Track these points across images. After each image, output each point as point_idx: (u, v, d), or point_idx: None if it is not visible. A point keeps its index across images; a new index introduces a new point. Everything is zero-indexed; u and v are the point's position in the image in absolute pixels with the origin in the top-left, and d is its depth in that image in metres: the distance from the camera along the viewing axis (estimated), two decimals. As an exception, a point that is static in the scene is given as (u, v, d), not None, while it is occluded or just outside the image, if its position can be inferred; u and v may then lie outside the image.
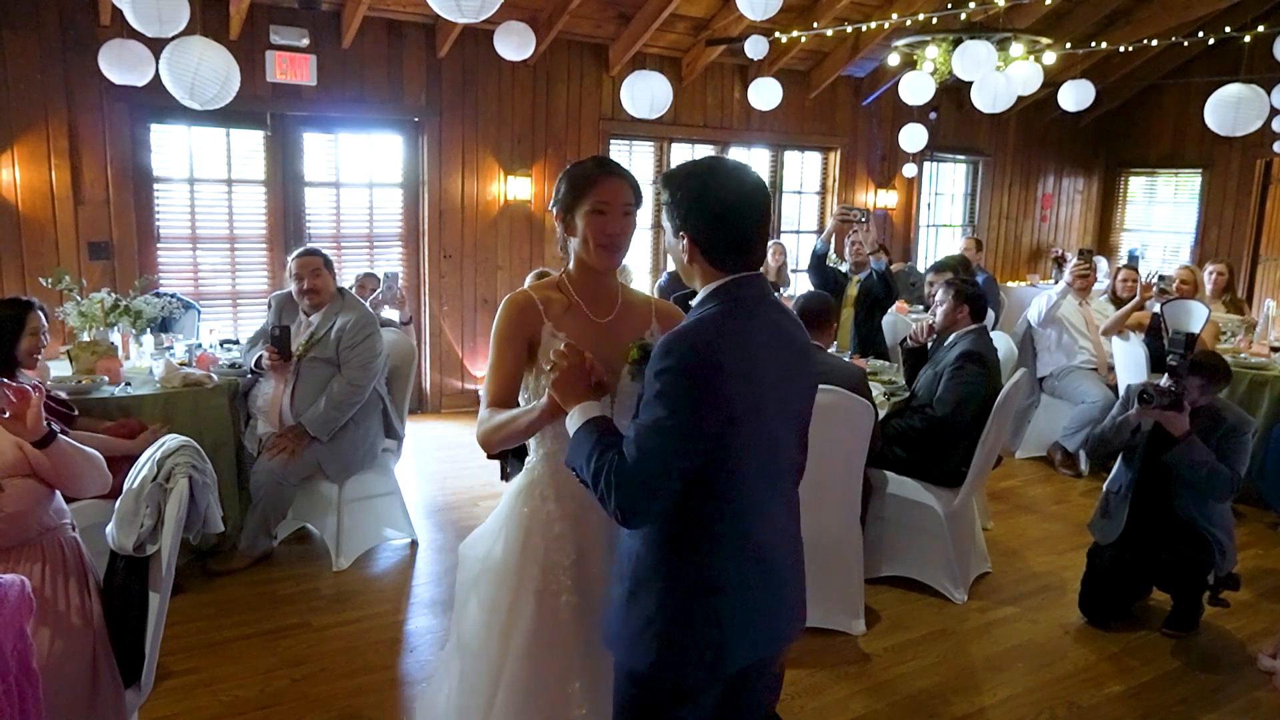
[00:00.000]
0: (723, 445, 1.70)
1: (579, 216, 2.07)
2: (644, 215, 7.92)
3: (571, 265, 2.14)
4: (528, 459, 2.21)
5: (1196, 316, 5.98)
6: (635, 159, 7.89)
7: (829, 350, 4.16)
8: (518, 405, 2.10)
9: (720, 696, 1.87)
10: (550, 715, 2.07)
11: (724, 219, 1.77)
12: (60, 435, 2.39)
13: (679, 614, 1.78)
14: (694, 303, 1.83)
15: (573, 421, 1.81)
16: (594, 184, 2.05)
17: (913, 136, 7.81)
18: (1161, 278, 6.22)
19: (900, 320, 6.29)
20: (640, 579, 1.80)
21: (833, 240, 6.47)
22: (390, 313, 5.82)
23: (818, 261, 6.20)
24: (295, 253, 4.26)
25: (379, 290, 5.67)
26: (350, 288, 5.26)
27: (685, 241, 1.79)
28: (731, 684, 1.87)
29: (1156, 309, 5.99)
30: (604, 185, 2.05)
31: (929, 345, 4.50)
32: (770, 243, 7.75)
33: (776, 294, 6.11)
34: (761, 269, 1.86)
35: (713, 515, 1.76)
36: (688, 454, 1.67)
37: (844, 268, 6.39)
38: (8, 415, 2.27)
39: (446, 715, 2.22)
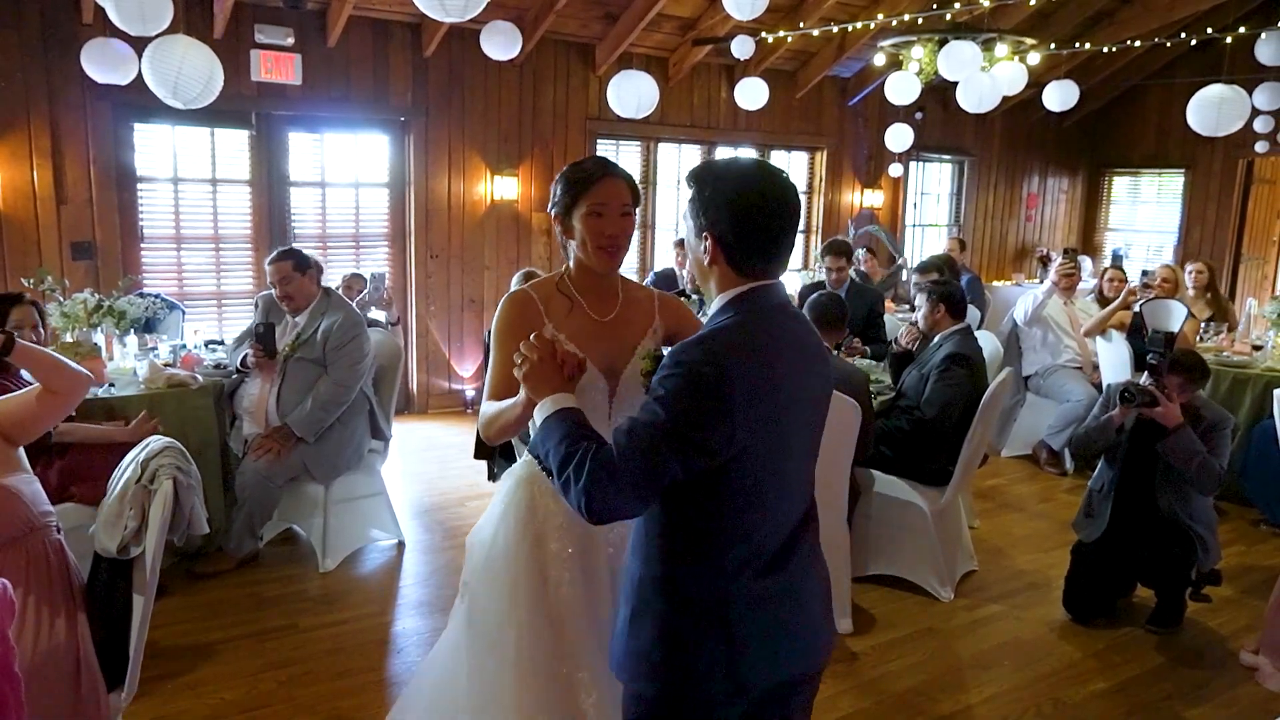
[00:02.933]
0: (733, 460, 1.61)
1: (576, 219, 2.05)
2: (631, 215, 7.94)
3: (571, 265, 2.13)
4: (526, 450, 2.18)
5: (1175, 315, 6.04)
6: (622, 159, 7.88)
7: (834, 351, 4.18)
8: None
9: (745, 716, 1.76)
10: (561, 702, 2.07)
11: (753, 220, 1.66)
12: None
13: (686, 634, 1.69)
14: (710, 311, 1.74)
15: (541, 410, 1.70)
16: (591, 185, 2.03)
17: (898, 136, 7.85)
18: (1144, 273, 6.27)
19: (890, 320, 6.31)
20: (643, 600, 1.72)
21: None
22: (377, 313, 5.81)
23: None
24: (269, 257, 4.25)
25: (365, 291, 5.65)
26: (337, 288, 5.24)
27: (709, 242, 1.68)
28: (759, 704, 1.75)
29: (1137, 308, 6.05)
30: (601, 186, 2.03)
31: (913, 348, 4.53)
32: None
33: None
34: (781, 277, 1.77)
35: (720, 530, 1.67)
36: (675, 462, 1.55)
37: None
38: None
39: (464, 703, 2.21)
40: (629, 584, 1.77)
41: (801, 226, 9.24)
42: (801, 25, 7.13)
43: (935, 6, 6.51)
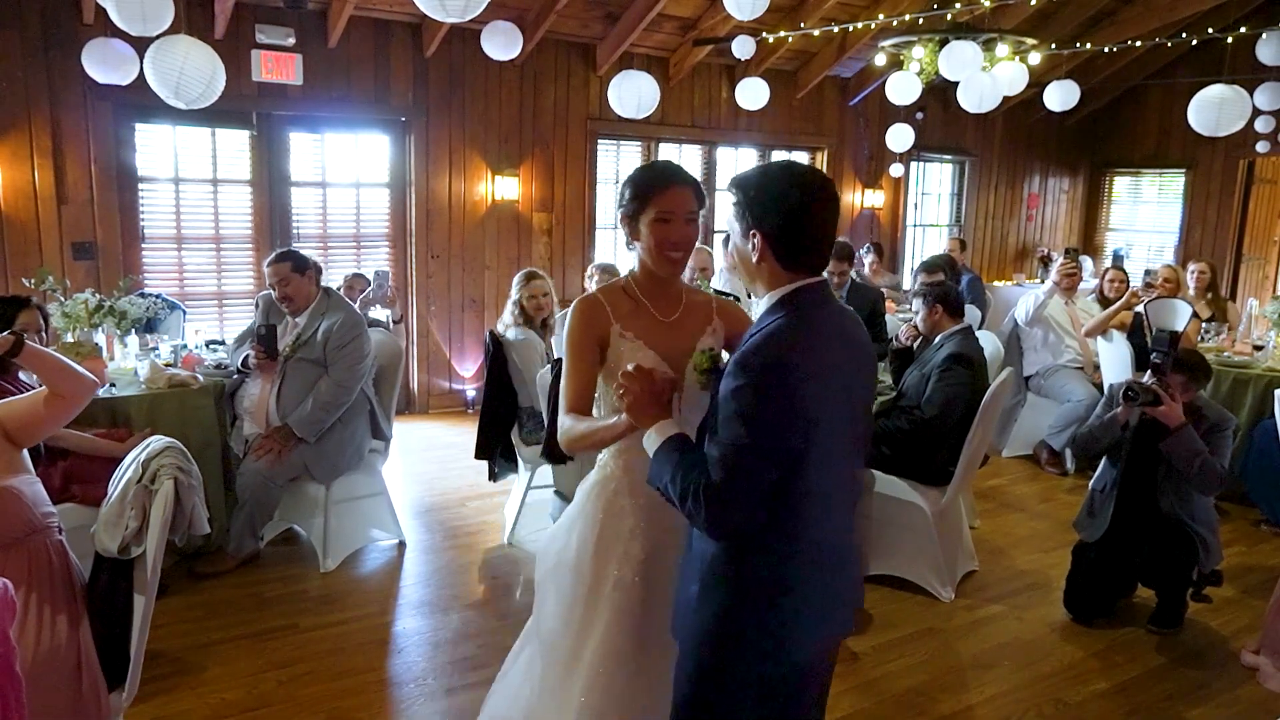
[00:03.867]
0: (801, 452, 1.71)
1: (643, 224, 2.11)
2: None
3: (636, 268, 2.21)
4: (599, 456, 2.25)
5: (1180, 315, 6.03)
6: (622, 159, 7.89)
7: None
8: (592, 405, 2.17)
9: (786, 688, 1.89)
10: (624, 708, 2.14)
11: (800, 219, 1.76)
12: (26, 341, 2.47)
13: (747, 613, 1.80)
14: (761, 311, 1.83)
15: (650, 441, 1.84)
16: (657, 192, 2.09)
17: (899, 136, 7.84)
18: (1147, 272, 6.26)
19: (891, 320, 6.31)
20: (712, 578, 1.82)
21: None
22: (379, 312, 5.80)
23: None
24: (267, 259, 4.25)
25: (370, 289, 5.65)
26: (338, 288, 5.25)
27: (757, 241, 1.77)
28: (796, 673, 1.89)
29: (1140, 308, 6.04)
30: (668, 193, 2.09)
31: (914, 347, 4.53)
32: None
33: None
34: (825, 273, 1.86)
35: (786, 517, 1.76)
36: (771, 468, 1.68)
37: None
38: None
39: (526, 710, 2.29)
40: (700, 562, 1.85)
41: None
42: (802, 25, 7.13)
43: (936, 6, 6.51)
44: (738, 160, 8.55)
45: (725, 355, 2.11)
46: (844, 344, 1.82)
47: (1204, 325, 6.05)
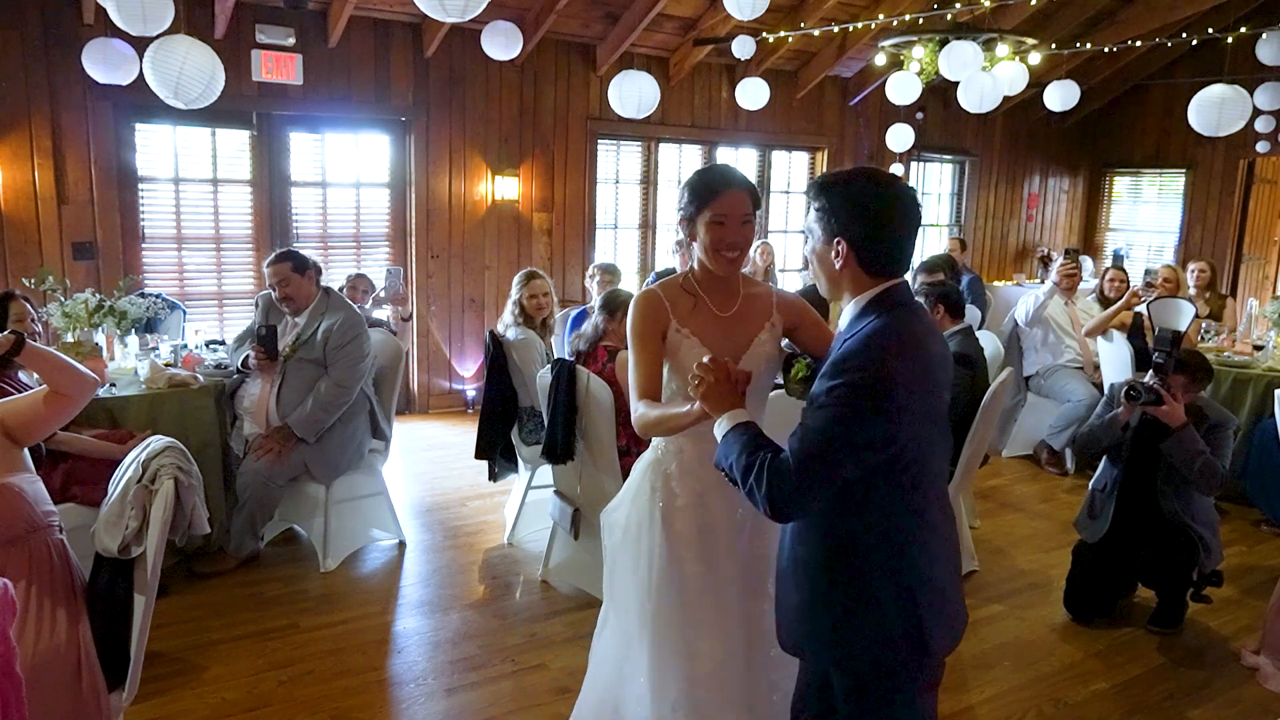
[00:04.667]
0: (900, 451, 1.75)
1: (700, 225, 2.20)
2: (631, 215, 7.95)
3: (695, 265, 2.30)
4: (656, 438, 2.35)
5: (1184, 314, 6.03)
6: (623, 159, 7.89)
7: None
8: (661, 392, 2.27)
9: (923, 682, 1.94)
10: (682, 667, 2.29)
11: (885, 225, 1.80)
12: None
13: (872, 614, 1.82)
14: (849, 315, 1.85)
15: (720, 427, 1.87)
16: (715, 195, 2.18)
17: (899, 136, 7.85)
18: (1147, 271, 6.26)
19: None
20: (823, 582, 1.86)
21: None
22: (380, 312, 5.81)
23: None
24: (267, 260, 4.25)
25: (383, 286, 5.63)
26: (341, 289, 5.25)
27: (842, 248, 1.80)
28: (934, 668, 1.94)
29: (1141, 308, 6.04)
30: (724, 197, 2.18)
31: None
32: (759, 242, 7.77)
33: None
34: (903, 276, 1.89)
35: (894, 516, 1.81)
36: (848, 465, 1.72)
37: None
38: None
39: (605, 665, 2.50)
40: (800, 570, 1.90)
41: (801, 227, 9.27)
42: (802, 25, 7.13)
43: (936, 6, 6.51)
44: (738, 160, 8.54)
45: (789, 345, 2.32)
46: (933, 342, 1.85)
47: (1203, 325, 6.06)
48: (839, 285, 1.86)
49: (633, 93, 5.82)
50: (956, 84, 6.10)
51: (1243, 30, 6.55)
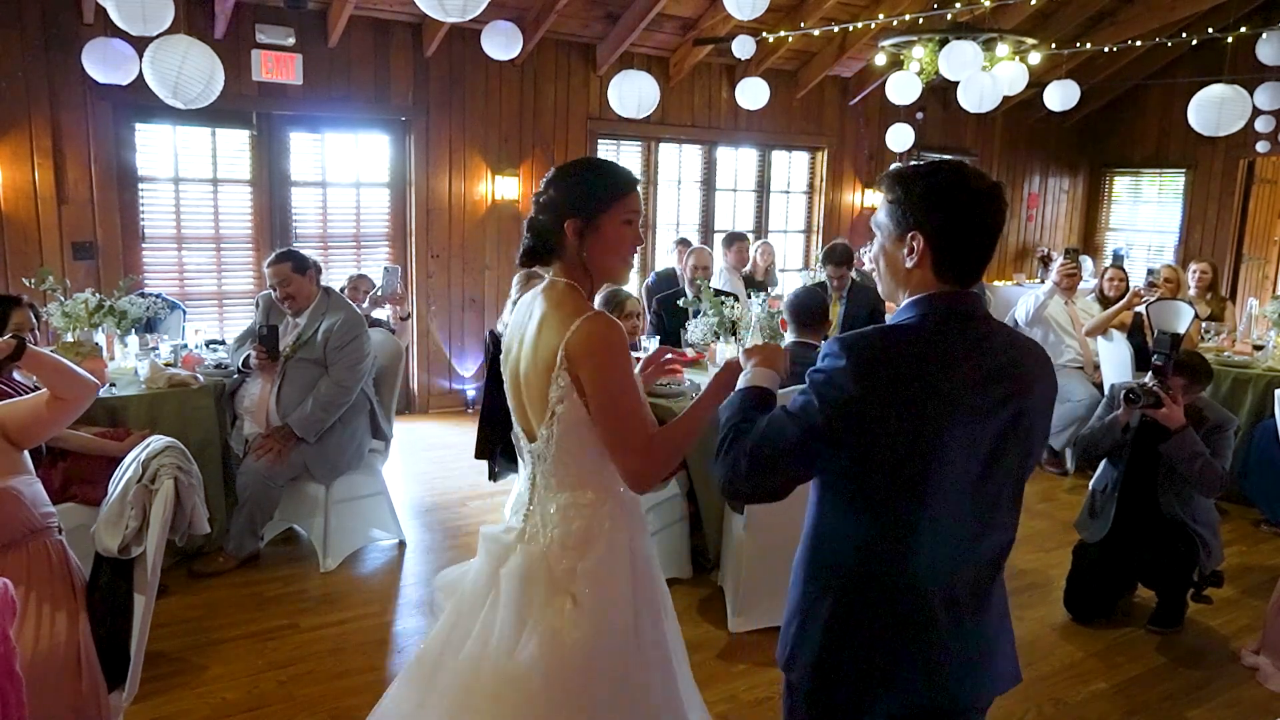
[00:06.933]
0: (872, 466, 1.57)
1: (608, 223, 1.92)
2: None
3: (575, 273, 1.95)
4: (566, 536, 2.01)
5: (1183, 316, 6.03)
6: (623, 159, 7.88)
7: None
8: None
9: None
10: None
11: (969, 221, 1.61)
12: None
13: (886, 645, 1.64)
14: (895, 314, 1.69)
15: (744, 378, 1.79)
16: (629, 192, 1.94)
17: (899, 136, 7.85)
18: (1150, 271, 6.26)
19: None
20: (823, 604, 1.67)
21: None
22: (381, 312, 5.80)
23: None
24: (267, 260, 4.25)
25: (380, 285, 5.63)
26: (342, 289, 5.24)
27: (919, 243, 1.61)
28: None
29: (1141, 308, 6.04)
30: (634, 195, 1.96)
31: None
32: (759, 242, 7.76)
33: (767, 293, 6.04)
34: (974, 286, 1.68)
35: (890, 537, 1.62)
36: (799, 456, 1.59)
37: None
38: None
39: None
40: (806, 576, 1.72)
41: (801, 226, 9.30)
42: (802, 25, 7.13)
43: (936, 6, 6.51)
44: (738, 160, 8.55)
45: None
46: (971, 364, 1.59)
47: (1204, 325, 6.06)
48: (905, 287, 1.66)
49: (633, 93, 5.82)
50: (956, 84, 6.10)
51: (1243, 30, 6.55)
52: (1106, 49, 8.13)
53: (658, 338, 5.24)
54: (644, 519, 2.12)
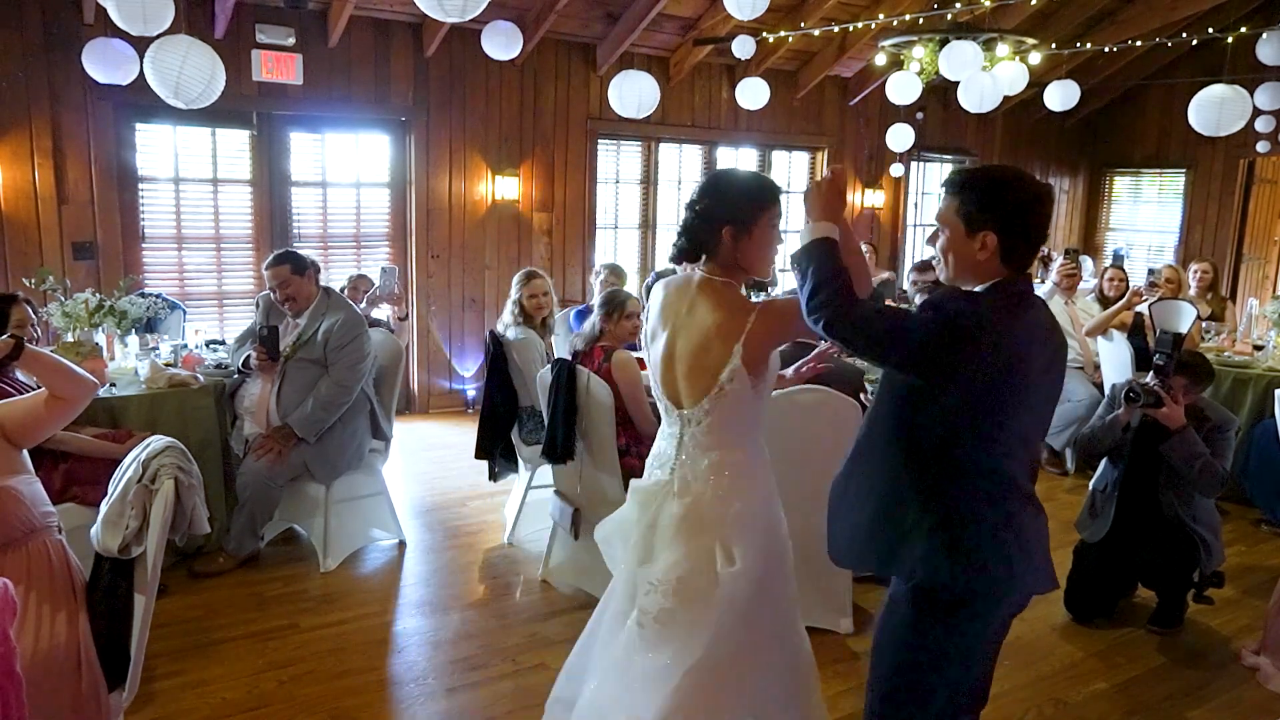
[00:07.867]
0: (976, 401, 1.90)
1: (759, 228, 2.22)
2: (631, 215, 7.95)
3: (734, 270, 2.27)
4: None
5: (1185, 316, 6.02)
6: (623, 159, 7.89)
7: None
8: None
9: (996, 621, 2.05)
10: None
11: (1032, 219, 1.95)
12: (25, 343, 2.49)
13: (984, 540, 1.95)
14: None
15: (814, 231, 2.02)
16: (775, 201, 2.25)
17: (900, 136, 7.84)
18: (1151, 270, 6.25)
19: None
20: (901, 500, 2.01)
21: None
22: (380, 312, 5.80)
23: None
24: (265, 262, 4.24)
25: (377, 286, 5.63)
26: (342, 289, 5.24)
27: (990, 240, 1.93)
28: (1006, 613, 2.06)
29: (1142, 308, 6.04)
30: (780, 203, 2.26)
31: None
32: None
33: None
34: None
35: (983, 454, 1.96)
36: (898, 354, 1.91)
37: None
38: None
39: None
40: (874, 479, 2.07)
41: (801, 226, 9.32)
42: (802, 25, 7.13)
43: (936, 6, 6.51)
44: (738, 160, 8.54)
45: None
46: (1040, 336, 1.96)
47: (1204, 325, 6.05)
48: (971, 275, 1.99)
49: (633, 93, 5.82)
50: (956, 84, 6.10)
51: (1243, 30, 6.55)
52: (1106, 49, 8.13)
53: None
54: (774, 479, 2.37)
